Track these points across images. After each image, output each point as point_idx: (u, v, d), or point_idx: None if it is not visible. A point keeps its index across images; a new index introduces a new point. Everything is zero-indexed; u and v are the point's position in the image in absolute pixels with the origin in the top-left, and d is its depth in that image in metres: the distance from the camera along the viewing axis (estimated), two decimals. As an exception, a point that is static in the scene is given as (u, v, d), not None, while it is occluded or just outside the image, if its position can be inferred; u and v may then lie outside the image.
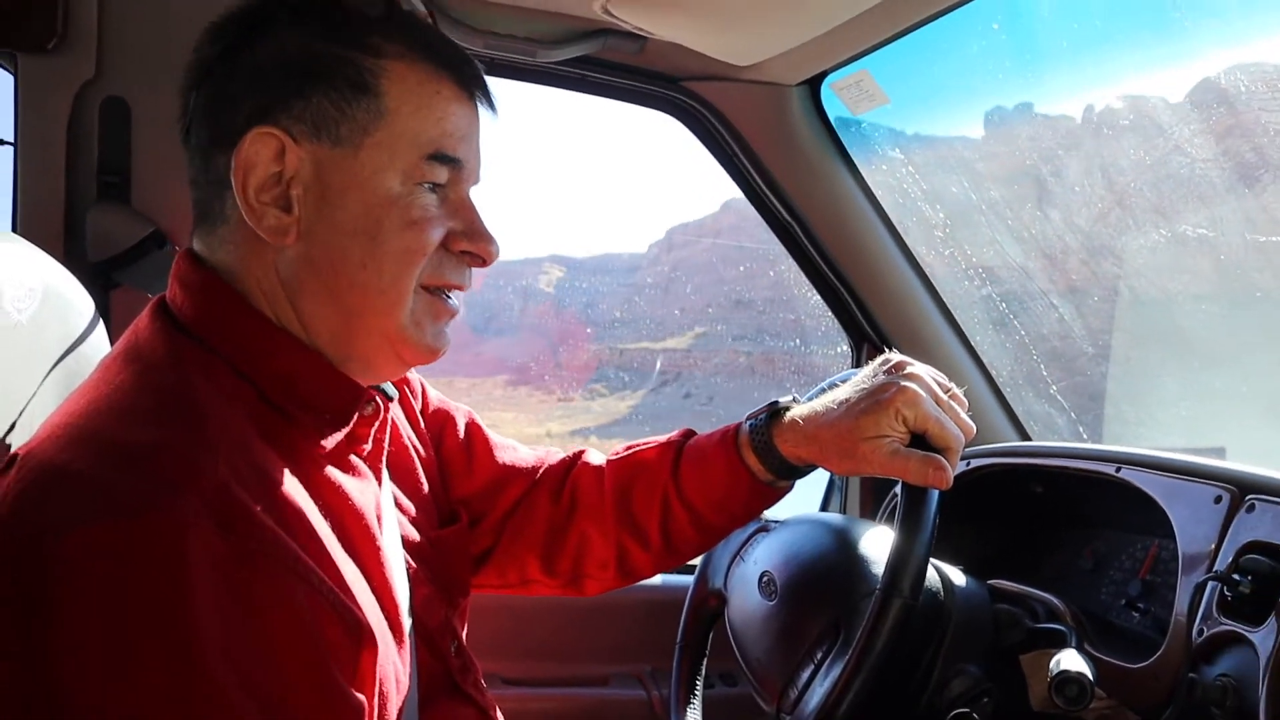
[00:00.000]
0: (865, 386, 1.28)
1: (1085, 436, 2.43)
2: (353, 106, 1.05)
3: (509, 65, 2.00)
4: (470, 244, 1.13)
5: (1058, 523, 1.89)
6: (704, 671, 1.68)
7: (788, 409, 1.35)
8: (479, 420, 1.51)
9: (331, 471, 1.07)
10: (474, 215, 1.14)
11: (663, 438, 1.47)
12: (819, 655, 1.34)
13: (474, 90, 1.13)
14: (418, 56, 1.09)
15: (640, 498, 1.42)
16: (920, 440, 1.24)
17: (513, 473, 1.48)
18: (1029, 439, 2.29)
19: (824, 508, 2.50)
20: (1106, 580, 1.72)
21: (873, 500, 2.34)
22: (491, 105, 1.16)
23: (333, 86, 1.05)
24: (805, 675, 1.34)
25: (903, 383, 1.24)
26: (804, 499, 1.77)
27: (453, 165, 1.10)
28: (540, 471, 1.50)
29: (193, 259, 1.09)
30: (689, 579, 1.73)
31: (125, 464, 0.87)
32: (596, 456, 1.51)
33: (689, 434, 1.46)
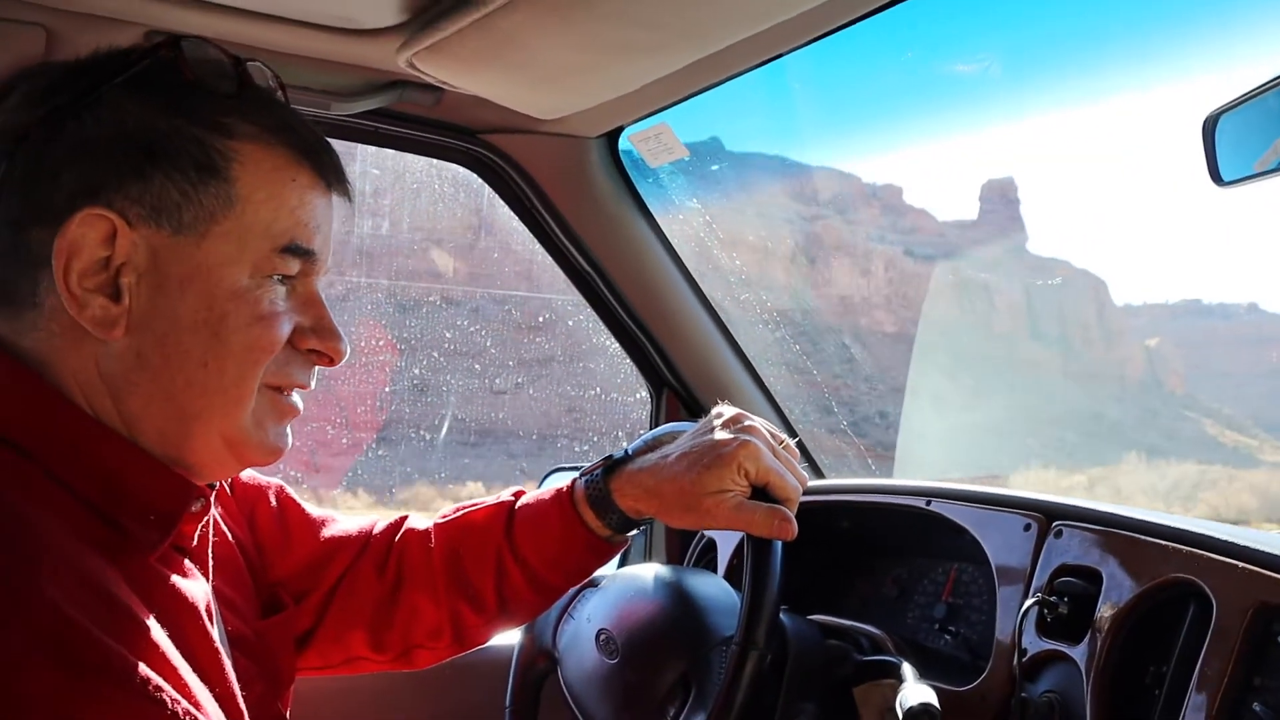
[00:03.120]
0: (704, 440, 1.29)
1: (874, 469, 2.56)
2: (199, 191, 0.97)
3: (300, 118, 1.91)
4: (319, 342, 1.07)
5: (862, 554, 1.97)
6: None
7: (623, 463, 1.35)
8: (291, 493, 1.42)
9: (161, 574, 0.98)
10: (324, 311, 1.08)
11: (491, 499, 1.45)
12: (671, 712, 1.34)
13: (331, 178, 1.07)
14: (273, 140, 1.02)
15: (473, 560, 1.38)
16: (761, 493, 1.27)
17: (334, 546, 1.41)
18: (822, 475, 2.38)
19: (625, 558, 2.49)
20: (912, 605, 1.80)
21: (679, 546, 2.35)
22: (348, 194, 1.11)
23: (176, 168, 0.96)
24: None
25: (743, 437, 1.27)
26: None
27: (305, 258, 1.04)
28: (365, 542, 1.43)
29: None
30: (513, 640, 1.70)
31: None
32: (421, 521, 1.46)
33: (519, 494, 1.44)
